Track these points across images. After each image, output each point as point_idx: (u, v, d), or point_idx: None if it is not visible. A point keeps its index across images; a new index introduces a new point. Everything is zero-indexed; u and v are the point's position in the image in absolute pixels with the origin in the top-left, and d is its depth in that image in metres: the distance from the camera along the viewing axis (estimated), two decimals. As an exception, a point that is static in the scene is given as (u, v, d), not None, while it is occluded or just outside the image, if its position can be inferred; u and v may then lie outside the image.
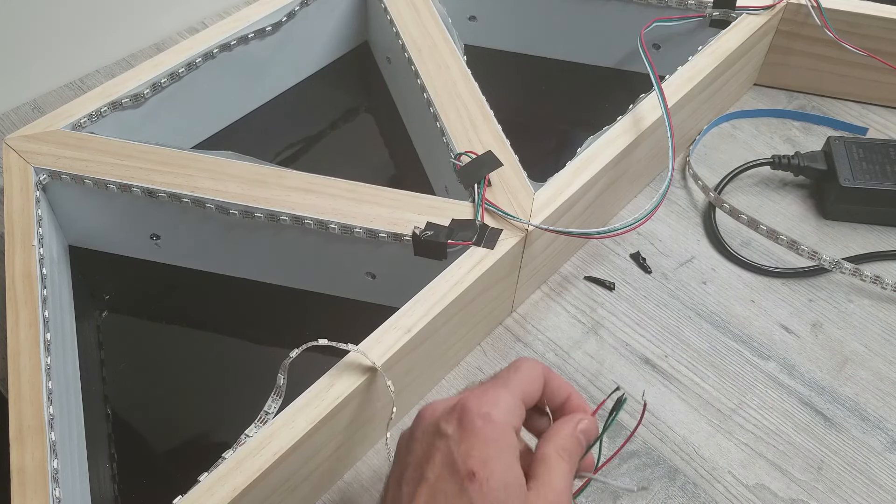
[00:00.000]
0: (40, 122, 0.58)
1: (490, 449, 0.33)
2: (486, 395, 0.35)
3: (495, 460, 0.33)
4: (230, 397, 0.54)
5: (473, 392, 0.36)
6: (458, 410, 0.35)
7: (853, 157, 0.61)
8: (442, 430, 0.34)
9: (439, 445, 0.34)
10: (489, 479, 0.32)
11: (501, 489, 0.32)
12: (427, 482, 0.33)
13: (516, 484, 0.33)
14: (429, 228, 0.50)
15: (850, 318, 0.57)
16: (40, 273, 0.50)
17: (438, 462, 0.34)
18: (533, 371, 0.38)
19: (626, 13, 0.70)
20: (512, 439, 0.34)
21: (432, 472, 0.34)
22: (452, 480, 0.33)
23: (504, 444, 0.34)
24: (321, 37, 0.73)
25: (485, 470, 0.33)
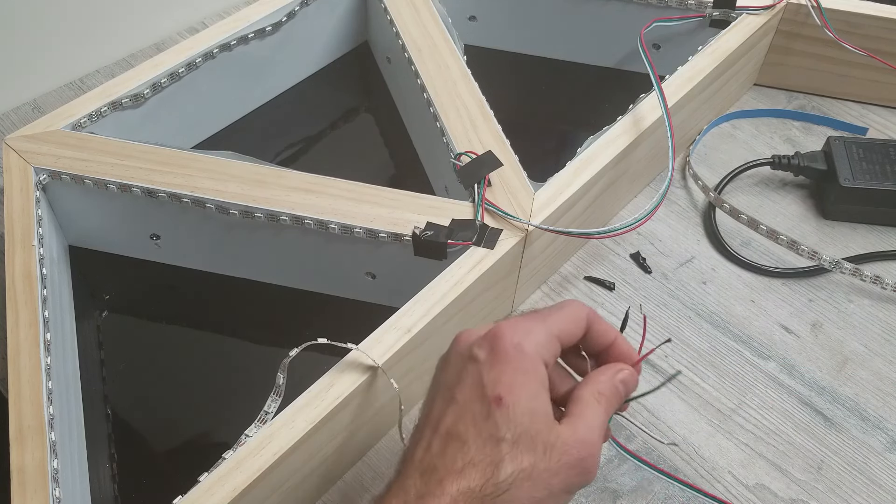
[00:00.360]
0: (40, 122, 0.58)
1: (519, 377, 0.34)
2: (519, 325, 0.36)
3: (522, 388, 0.34)
4: (230, 397, 0.54)
5: (509, 321, 0.36)
6: (490, 337, 0.35)
7: (853, 157, 0.61)
8: (474, 355, 0.35)
9: (470, 370, 0.35)
10: (515, 405, 0.33)
11: (527, 415, 0.33)
12: (456, 403, 0.35)
13: (542, 412, 0.34)
14: (429, 228, 0.50)
15: (850, 318, 0.57)
16: (40, 273, 0.50)
17: (468, 385, 0.35)
18: (575, 312, 0.38)
19: (626, 13, 0.70)
20: (541, 370, 0.35)
21: (462, 394, 0.35)
22: (480, 403, 0.34)
23: (532, 374, 0.34)
24: (321, 37, 0.73)
25: (511, 396, 0.34)
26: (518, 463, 0.33)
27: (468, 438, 0.34)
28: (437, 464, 0.34)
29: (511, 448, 0.33)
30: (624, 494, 0.48)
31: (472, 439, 0.34)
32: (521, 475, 0.33)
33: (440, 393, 0.36)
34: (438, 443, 0.34)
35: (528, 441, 0.33)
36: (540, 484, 0.33)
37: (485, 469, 0.33)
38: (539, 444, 0.33)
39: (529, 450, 0.33)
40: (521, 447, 0.33)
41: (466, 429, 0.34)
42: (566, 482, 0.34)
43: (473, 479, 0.33)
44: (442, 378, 0.37)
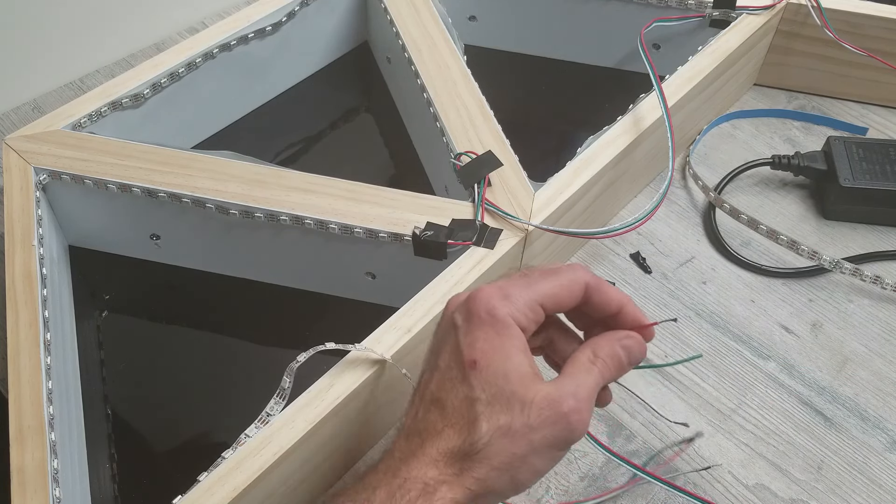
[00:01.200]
0: (40, 122, 0.58)
1: (492, 340, 0.35)
2: (497, 290, 0.36)
3: (496, 351, 0.35)
4: (230, 397, 0.54)
5: (490, 285, 0.37)
6: (467, 303, 0.36)
7: (853, 157, 0.61)
8: (454, 321, 0.37)
9: (450, 336, 0.36)
10: (489, 367, 0.34)
11: (501, 376, 0.34)
12: (439, 370, 0.36)
13: (517, 372, 0.34)
14: (429, 228, 0.50)
15: (850, 318, 0.57)
16: (40, 273, 0.50)
17: (448, 351, 0.36)
18: (570, 277, 0.37)
19: (626, 13, 0.70)
20: (515, 333, 0.35)
21: (443, 360, 0.36)
22: (457, 368, 0.35)
23: (507, 337, 0.35)
24: (321, 37, 0.73)
25: (485, 358, 0.35)
26: (494, 421, 0.34)
27: (446, 402, 0.35)
28: (420, 427, 0.35)
29: (486, 407, 0.34)
30: (624, 494, 0.48)
31: (450, 402, 0.35)
32: (497, 432, 0.34)
33: (428, 360, 0.38)
34: (423, 409, 0.36)
35: (503, 400, 0.34)
36: (519, 440, 0.34)
37: (461, 429, 0.34)
38: (515, 403, 0.34)
39: (505, 408, 0.34)
40: (497, 406, 0.34)
41: (446, 394, 0.35)
42: (549, 438, 0.34)
43: (452, 439, 0.34)
44: (432, 345, 0.38)
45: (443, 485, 0.34)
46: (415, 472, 0.34)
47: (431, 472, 0.34)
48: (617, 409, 0.52)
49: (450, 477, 0.34)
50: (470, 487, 0.34)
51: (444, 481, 0.34)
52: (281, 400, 0.42)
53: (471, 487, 0.34)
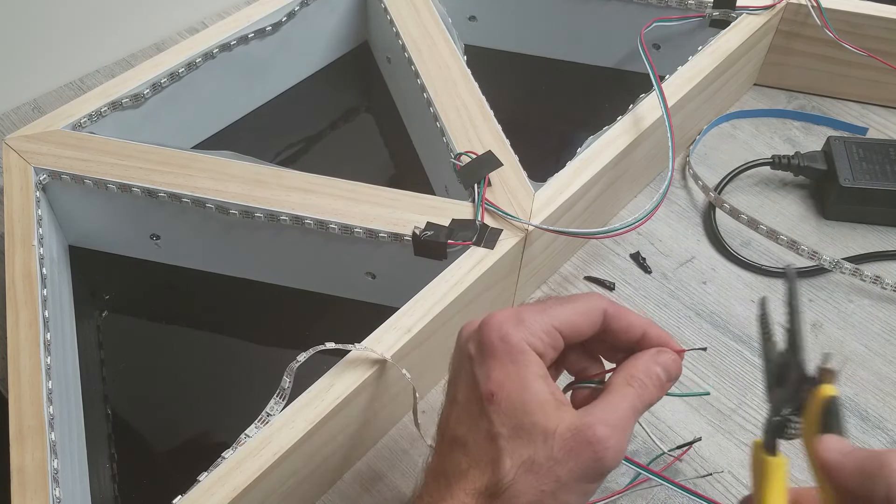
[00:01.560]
0: (40, 122, 0.58)
1: (507, 369, 0.33)
2: (511, 316, 0.35)
3: (513, 380, 0.33)
4: (230, 397, 0.54)
5: (502, 312, 0.35)
6: (479, 331, 0.35)
7: (853, 157, 0.61)
8: (468, 351, 0.35)
9: (465, 367, 0.35)
10: (507, 399, 0.33)
11: (519, 408, 0.32)
12: (458, 404, 0.35)
13: (537, 401, 0.33)
14: (429, 228, 0.50)
15: (850, 318, 0.57)
16: (40, 273, 0.50)
17: (465, 384, 0.35)
18: (588, 305, 0.36)
19: (626, 13, 0.70)
20: (532, 359, 0.34)
21: (461, 393, 0.35)
22: (476, 402, 0.34)
23: (523, 364, 0.33)
24: (321, 37, 0.73)
25: (502, 390, 0.33)
26: (517, 457, 0.32)
27: (468, 440, 0.33)
28: (447, 468, 0.34)
29: (508, 442, 0.32)
30: (624, 494, 0.48)
31: (472, 440, 0.33)
32: (521, 468, 0.32)
33: (447, 393, 0.37)
34: (446, 447, 0.35)
35: (524, 433, 0.32)
36: (544, 475, 0.32)
37: (485, 467, 0.32)
38: (538, 435, 0.32)
39: (527, 442, 0.32)
40: (519, 440, 0.32)
41: (467, 430, 0.34)
42: (577, 471, 0.32)
43: (477, 479, 0.32)
44: (450, 376, 0.37)
45: None
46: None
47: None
48: (617, 409, 0.52)
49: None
50: None
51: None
52: (281, 400, 0.42)
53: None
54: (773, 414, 0.34)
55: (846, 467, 0.29)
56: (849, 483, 0.29)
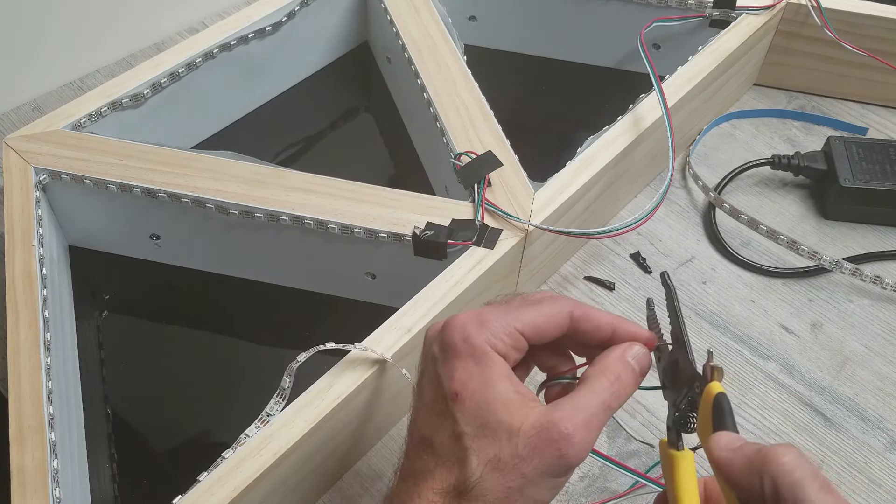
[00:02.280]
0: (40, 122, 0.58)
1: (471, 368, 0.34)
2: (474, 318, 0.35)
3: (476, 380, 0.33)
4: (230, 397, 0.54)
5: (466, 313, 0.35)
6: (442, 332, 0.35)
7: (853, 157, 0.61)
8: (432, 353, 0.35)
9: (430, 368, 0.35)
10: (472, 398, 0.33)
11: (484, 406, 0.33)
12: (424, 405, 0.35)
13: (501, 400, 0.33)
14: (429, 228, 0.50)
15: (850, 318, 0.57)
16: (40, 273, 0.50)
17: (429, 385, 0.35)
18: (553, 309, 0.36)
19: (626, 13, 0.70)
20: (495, 360, 0.34)
21: (427, 394, 0.35)
22: (441, 401, 0.34)
23: (486, 364, 0.34)
24: (321, 37, 0.73)
25: (466, 390, 0.33)
26: (483, 455, 0.32)
27: (434, 439, 0.34)
28: (415, 468, 0.34)
29: (473, 441, 0.33)
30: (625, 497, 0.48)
31: (438, 439, 0.34)
32: (487, 466, 0.32)
33: (415, 397, 0.37)
34: (413, 449, 0.35)
35: (489, 432, 0.32)
36: (510, 472, 0.32)
37: (452, 466, 0.33)
38: (502, 433, 0.32)
39: (493, 440, 0.32)
40: (484, 439, 0.32)
41: (433, 430, 0.34)
42: (541, 467, 0.32)
43: (445, 478, 0.33)
44: (417, 378, 0.37)
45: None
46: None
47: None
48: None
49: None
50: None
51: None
52: (281, 400, 0.42)
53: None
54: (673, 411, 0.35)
55: (735, 463, 0.30)
56: (739, 479, 0.30)
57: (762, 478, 0.28)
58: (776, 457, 0.28)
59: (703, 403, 0.33)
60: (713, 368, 0.33)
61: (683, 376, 0.35)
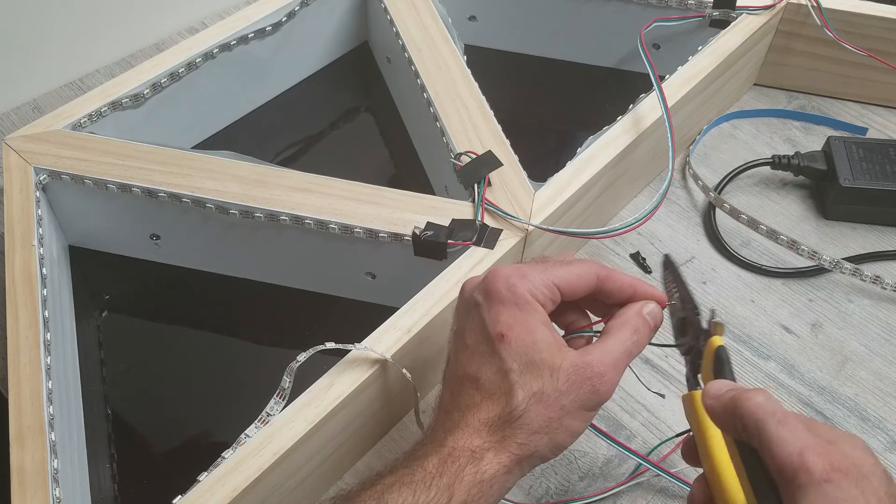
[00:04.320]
0: (40, 122, 0.58)
1: (515, 314, 0.37)
2: (515, 270, 0.39)
3: (521, 324, 0.37)
4: (230, 397, 0.54)
5: (507, 266, 0.39)
6: (486, 281, 0.39)
7: (853, 157, 0.61)
8: (475, 300, 0.39)
9: (473, 314, 0.39)
10: (517, 339, 0.37)
11: (530, 344, 0.37)
12: (467, 347, 0.38)
13: (544, 341, 0.37)
14: (429, 228, 0.50)
15: (850, 318, 0.57)
16: (40, 273, 0.50)
17: (474, 329, 0.38)
18: (582, 268, 0.40)
19: (626, 13, 0.70)
20: (536, 308, 0.38)
21: (470, 337, 0.38)
22: (486, 343, 0.37)
23: (529, 310, 0.37)
24: (321, 37, 0.73)
25: (512, 331, 0.37)
26: (528, 389, 0.36)
27: (481, 376, 0.37)
28: (460, 403, 0.38)
29: (519, 377, 0.36)
30: (624, 494, 0.48)
31: (484, 376, 0.37)
32: (532, 399, 0.36)
33: (453, 342, 0.40)
34: (458, 386, 0.38)
35: (533, 368, 0.36)
36: (552, 404, 0.36)
37: (499, 399, 0.37)
38: (545, 369, 0.36)
39: (536, 375, 0.36)
40: (529, 375, 0.36)
41: (478, 368, 0.37)
42: (578, 400, 0.36)
43: (491, 410, 0.37)
44: (455, 328, 0.40)
45: (489, 451, 0.36)
46: (461, 442, 0.36)
47: (476, 441, 0.36)
48: (617, 408, 0.52)
49: (494, 444, 0.36)
50: (514, 452, 0.36)
51: (490, 448, 0.36)
52: (281, 400, 0.42)
53: (515, 452, 0.36)
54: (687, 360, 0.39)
55: (717, 409, 0.34)
56: (722, 422, 0.34)
57: (734, 419, 0.32)
58: (744, 401, 0.32)
59: (706, 355, 0.38)
60: (715, 324, 0.38)
61: (692, 330, 0.39)
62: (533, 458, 0.37)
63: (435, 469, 0.35)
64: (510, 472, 0.36)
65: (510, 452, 0.36)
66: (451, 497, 0.35)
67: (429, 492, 0.35)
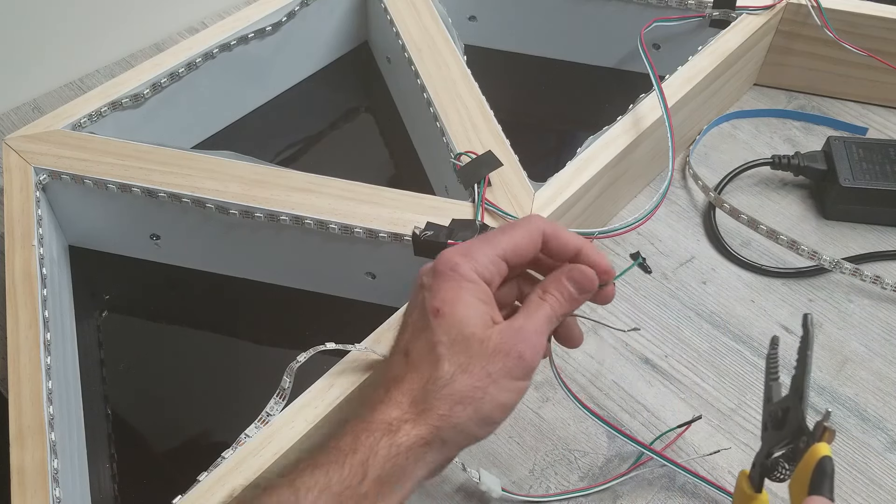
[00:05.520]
0: (40, 122, 0.58)
1: (453, 291, 0.38)
2: (460, 249, 0.39)
3: (457, 300, 0.37)
4: (230, 397, 0.54)
5: (455, 247, 0.40)
6: (433, 264, 0.39)
7: (853, 157, 0.61)
8: (423, 283, 0.39)
9: (418, 295, 0.39)
10: (451, 314, 0.37)
11: (462, 321, 0.37)
12: (408, 326, 0.39)
13: (477, 316, 0.37)
14: (429, 228, 0.50)
15: (850, 318, 0.57)
16: (40, 273, 0.50)
17: (416, 307, 0.39)
18: (527, 227, 0.40)
19: (626, 13, 0.70)
20: (477, 285, 0.38)
21: (412, 316, 0.39)
22: (423, 318, 0.38)
23: (468, 288, 0.38)
24: (321, 37, 0.73)
25: (447, 306, 0.37)
26: (455, 361, 0.36)
27: (411, 349, 0.38)
28: (387, 376, 0.38)
29: (448, 349, 0.36)
30: (624, 494, 0.48)
31: (414, 349, 0.38)
32: (458, 369, 0.36)
33: (400, 322, 0.40)
34: (393, 358, 0.39)
35: (463, 341, 0.37)
36: (477, 372, 0.36)
37: (424, 371, 0.37)
38: (474, 342, 0.37)
39: (465, 348, 0.37)
40: (457, 347, 0.37)
41: (410, 342, 0.38)
42: (504, 368, 0.37)
43: (414, 381, 0.37)
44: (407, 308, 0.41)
45: (406, 423, 0.35)
46: (378, 415, 0.36)
47: (394, 413, 0.36)
48: (617, 408, 0.52)
49: (413, 416, 0.36)
50: (434, 423, 0.36)
51: (408, 420, 0.36)
52: (281, 400, 0.42)
53: (435, 423, 0.36)
54: (766, 454, 0.35)
55: None
56: None
57: None
58: None
59: (805, 461, 0.33)
60: (825, 429, 0.33)
61: (791, 426, 0.35)
62: (457, 434, 0.36)
63: (349, 446, 0.34)
64: (429, 444, 0.36)
65: (429, 424, 0.35)
66: (365, 474, 0.34)
67: (342, 470, 0.34)
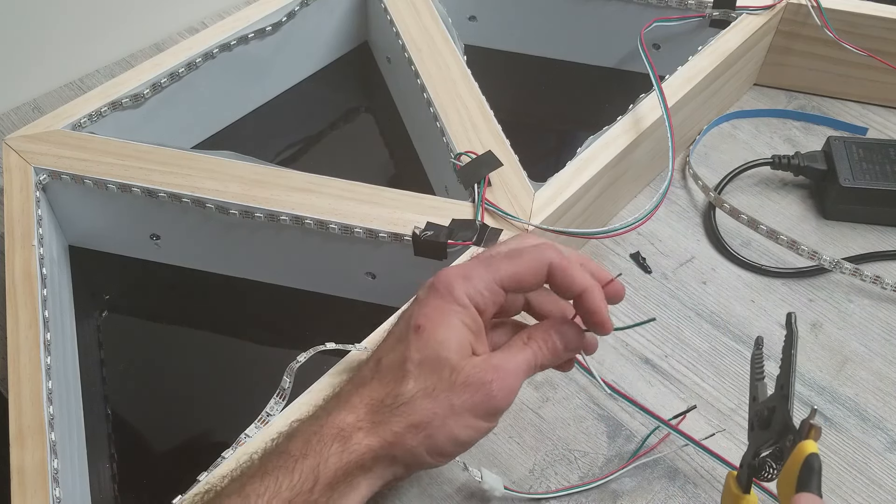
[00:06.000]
0: (40, 122, 0.58)
1: (440, 311, 0.37)
2: (458, 271, 0.38)
3: (441, 321, 0.37)
4: (230, 397, 0.54)
5: (452, 267, 0.39)
6: (431, 281, 0.39)
7: (853, 157, 0.61)
8: (418, 295, 0.39)
9: (410, 308, 0.39)
10: (431, 333, 0.36)
11: (441, 343, 0.36)
12: (392, 334, 0.39)
13: (456, 341, 0.36)
14: (429, 228, 0.50)
15: (850, 318, 0.57)
16: (40, 273, 0.50)
17: (404, 318, 0.39)
18: (533, 258, 0.38)
19: (626, 13, 0.70)
20: (466, 312, 0.37)
21: (399, 326, 0.39)
22: (405, 331, 0.38)
23: (456, 311, 0.37)
24: (321, 37, 0.73)
25: (429, 324, 0.37)
26: (422, 381, 0.36)
27: (383, 357, 0.37)
28: (354, 379, 0.38)
29: (417, 367, 0.36)
30: (624, 494, 0.48)
31: (386, 359, 0.37)
32: (422, 391, 0.36)
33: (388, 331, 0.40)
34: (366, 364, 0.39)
35: (433, 363, 0.36)
36: (441, 401, 0.35)
37: (388, 382, 0.36)
38: (445, 368, 0.36)
39: (434, 371, 0.36)
40: (427, 368, 0.36)
41: (385, 351, 0.38)
42: (469, 403, 0.36)
43: (377, 390, 0.36)
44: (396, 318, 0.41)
45: (359, 431, 0.35)
46: (332, 419, 0.35)
47: (349, 419, 0.35)
48: (617, 408, 0.52)
49: (367, 425, 0.35)
50: (387, 439, 0.35)
51: (361, 428, 0.35)
52: (281, 400, 0.42)
53: (388, 439, 0.35)
54: (753, 455, 0.35)
55: None
56: None
57: None
58: None
59: (793, 459, 0.33)
60: (812, 427, 0.33)
61: (777, 425, 0.35)
62: (407, 455, 0.35)
63: (298, 450, 0.34)
64: (378, 459, 0.35)
65: (381, 438, 0.35)
66: (316, 479, 0.33)
67: (292, 476, 0.33)
